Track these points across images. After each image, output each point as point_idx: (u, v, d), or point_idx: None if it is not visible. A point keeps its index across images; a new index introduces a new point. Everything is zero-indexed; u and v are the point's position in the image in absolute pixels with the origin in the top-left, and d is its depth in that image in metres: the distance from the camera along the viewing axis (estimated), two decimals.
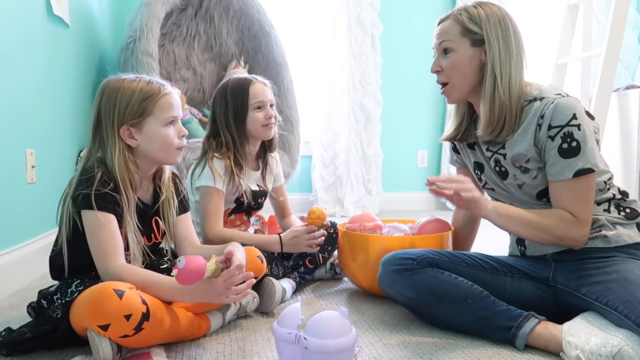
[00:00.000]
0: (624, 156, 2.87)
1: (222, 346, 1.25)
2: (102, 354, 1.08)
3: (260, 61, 3.13)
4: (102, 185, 1.18)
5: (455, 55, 1.31)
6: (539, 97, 1.26)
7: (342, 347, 1.03)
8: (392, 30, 3.64)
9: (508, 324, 1.21)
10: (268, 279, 1.51)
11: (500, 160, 1.34)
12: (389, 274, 1.35)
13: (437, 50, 1.36)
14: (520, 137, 1.28)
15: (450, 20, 1.34)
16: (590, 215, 1.24)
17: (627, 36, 3.29)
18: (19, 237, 1.76)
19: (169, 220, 1.35)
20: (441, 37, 1.34)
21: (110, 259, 1.17)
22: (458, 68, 1.32)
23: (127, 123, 1.23)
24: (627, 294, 1.12)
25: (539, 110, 1.24)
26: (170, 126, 1.27)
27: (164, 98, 1.26)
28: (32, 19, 1.90)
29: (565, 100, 1.22)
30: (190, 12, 3.10)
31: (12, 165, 1.72)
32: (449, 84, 1.35)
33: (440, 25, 1.36)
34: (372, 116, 3.55)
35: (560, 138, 1.21)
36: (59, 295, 1.17)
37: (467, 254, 1.39)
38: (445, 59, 1.33)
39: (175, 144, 1.28)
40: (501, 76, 1.27)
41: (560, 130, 1.21)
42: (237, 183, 1.66)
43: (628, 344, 1.06)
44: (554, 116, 1.21)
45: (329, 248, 1.81)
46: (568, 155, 1.21)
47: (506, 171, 1.34)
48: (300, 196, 3.59)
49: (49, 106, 2.03)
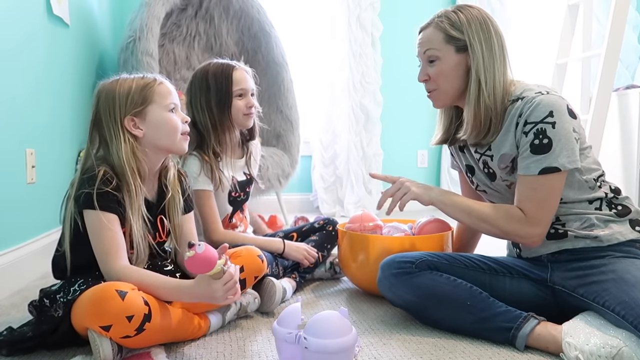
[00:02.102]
0: (624, 156, 2.87)
1: (222, 346, 1.25)
2: (102, 354, 1.08)
3: (260, 61, 3.13)
4: (104, 184, 1.18)
5: (442, 63, 1.32)
6: (520, 97, 1.27)
7: (342, 347, 1.03)
8: (392, 30, 3.64)
9: (507, 325, 1.21)
10: (268, 279, 1.51)
11: (487, 162, 1.36)
12: (387, 277, 1.35)
13: (422, 58, 1.36)
14: (503, 137, 1.29)
15: (432, 27, 1.34)
16: (546, 216, 1.24)
17: (627, 36, 3.29)
18: (19, 237, 1.76)
19: (175, 219, 1.34)
20: (425, 46, 1.34)
21: (112, 260, 1.17)
22: (445, 75, 1.33)
23: (130, 113, 1.23)
24: (623, 294, 1.12)
25: (519, 109, 1.25)
26: (173, 112, 1.28)
27: (161, 86, 1.28)
28: (32, 18, 1.90)
29: (546, 98, 1.22)
30: (190, 12, 3.10)
31: (12, 165, 1.72)
32: (437, 90, 1.36)
33: (422, 33, 1.36)
34: (372, 116, 3.55)
35: (533, 134, 1.22)
36: (61, 294, 1.17)
37: (466, 256, 1.39)
38: (432, 67, 1.34)
39: (180, 129, 1.29)
40: (485, 81, 1.28)
41: (534, 126, 1.21)
42: (218, 178, 1.63)
43: (627, 345, 1.06)
44: (531, 113, 1.22)
45: (328, 246, 1.82)
46: (538, 152, 1.22)
47: (494, 172, 1.35)
48: (300, 196, 3.59)
49: (49, 106, 2.03)
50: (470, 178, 1.46)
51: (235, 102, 1.65)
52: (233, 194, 1.72)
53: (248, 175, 1.79)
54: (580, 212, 1.27)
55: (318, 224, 1.86)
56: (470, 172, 1.45)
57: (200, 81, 1.66)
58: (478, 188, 1.45)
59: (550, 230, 1.29)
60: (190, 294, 1.15)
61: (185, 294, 1.16)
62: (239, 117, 1.67)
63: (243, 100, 1.66)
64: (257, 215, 1.95)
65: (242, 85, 1.66)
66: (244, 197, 1.78)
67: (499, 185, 1.36)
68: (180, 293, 1.16)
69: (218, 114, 1.64)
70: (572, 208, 1.28)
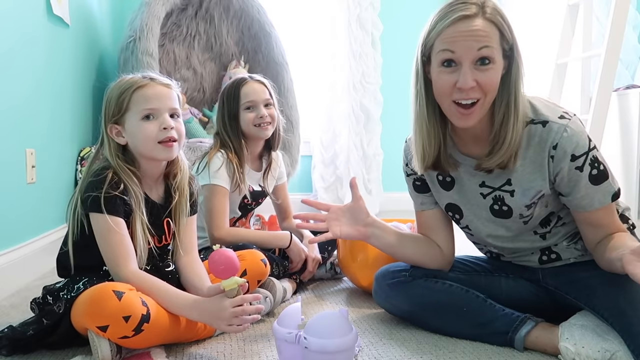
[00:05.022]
0: (624, 156, 2.86)
1: (222, 346, 1.25)
2: (101, 355, 1.08)
3: (261, 61, 3.13)
4: (112, 188, 1.17)
5: (496, 68, 1.05)
6: (537, 120, 1.12)
7: (342, 347, 1.03)
8: (392, 30, 3.64)
9: (505, 329, 1.20)
10: (269, 279, 1.51)
11: (504, 198, 1.18)
12: (383, 288, 1.35)
13: (467, 57, 1.04)
14: (530, 170, 1.14)
15: (483, 19, 1.04)
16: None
17: (627, 36, 3.28)
18: (19, 237, 1.76)
19: (180, 223, 1.32)
20: (482, 41, 1.03)
21: (122, 264, 1.16)
22: (495, 85, 1.07)
23: (111, 121, 1.23)
24: (609, 300, 1.10)
25: (548, 139, 1.10)
26: (148, 119, 1.20)
27: (138, 91, 1.20)
28: (32, 18, 1.90)
29: (573, 124, 1.10)
30: (190, 11, 3.10)
31: (12, 165, 1.72)
32: (480, 101, 1.07)
33: (471, 22, 1.03)
34: (373, 116, 3.55)
35: (589, 165, 1.10)
36: (65, 292, 1.18)
37: (460, 259, 1.38)
38: (484, 72, 1.05)
39: (154, 138, 1.20)
40: (519, 95, 1.09)
41: (586, 157, 1.10)
42: (238, 180, 1.66)
43: (621, 350, 1.06)
44: (577, 145, 1.09)
45: (329, 248, 1.82)
46: (600, 181, 1.11)
47: (509, 210, 1.19)
48: (301, 196, 3.55)
49: (49, 106, 2.03)
50: (458, 219, 1.28)
51: (244, 115, 1.69)
52: (245, 201, 1.74)
53: (263, 188, 1.80)
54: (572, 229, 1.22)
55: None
56: (453, 211, 1.27)
57: (220, 98, 1.76)
58: (466, 229, 1.30)
59: (543, 257, 1.26)
60: (199, 309, 1.13)
61: (194, 307, 1.14)
62: (250, 129, 1.70)
63: (253, 113, 1.69)
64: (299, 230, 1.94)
65: (251, 97, 1.69)
66: (254, 207, 1.80)
67: (512, 222, 1.21)
68: (188, 306, 1.15)
69: (230, 127, 1.70)
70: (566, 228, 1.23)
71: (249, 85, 1.71)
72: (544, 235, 1.24)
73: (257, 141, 1.75)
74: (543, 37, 3.57)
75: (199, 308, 1.14)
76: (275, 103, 1.75)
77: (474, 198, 1.23)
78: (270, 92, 1.74)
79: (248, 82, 1.72)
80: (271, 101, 1.73)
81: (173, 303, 1.15)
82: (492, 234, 1.26)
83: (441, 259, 1.33)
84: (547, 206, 1.19)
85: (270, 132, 1.73)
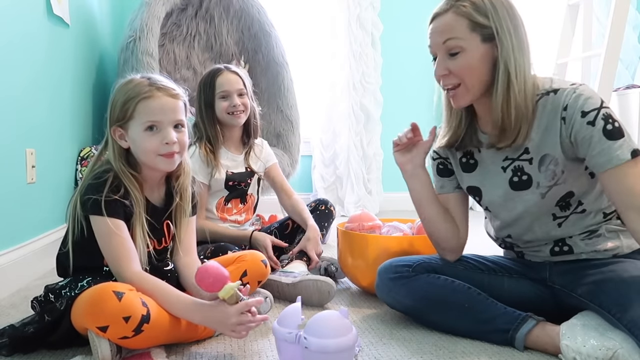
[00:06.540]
0: None
1: (222, 346, 1.25)
2: (101, 355, 1.07)
3: (261, 61, 3.13)
4: (113, 192, 1.17)
5: (467, 55, 1.14)
6: (551, 89, 1.16)
7: (342, 347, 1.03)
8: (392, 30, 3.64)
9: (506, 327, 1.20)
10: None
11: (523, 167, 1.21)
12: (385, 282, 1.35)
13: (438, 51, 1.17)
14: (544, 136, 1.17)
15: (452, 13, 1.14)
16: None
17: (627, 36, 3.29)
18: (19, 237, 1.76)
19: (181, 224, 1.32)
20: (444, 35, 1.15)
21: (125, 266, 1.16)
22: (472, 69, 1.15)
23: (115, 124, 1.22)
24: (619, 295, 1.10)
25: (559, 103, 1.13)
26: (151, 131, 1.20)
27: (143, 102, 1.19)
28: (32, 18, 1.90)
29: (584, 87, 1.13)
30: (190, 11, 3.10)
31: (12, 165, 1.72)
32: (461, 85, 1.17)
33: (438, 20, 1.16)
34: (373, 116, 3.55)
35: (602, 120, 1.08)
36: (67, 289, 1.18)
37: (464, 256, 1.38)
38: (454, 60, 1.15)
39: (154, 150, 1.20)
40: (516, 74, 1.14)
41: (598, 112, 1.09)
42: (212, 165, 1.79)
43: (623, 347, 1.06)
44: (585, 102, 1.10)
45: (325, 224, 1.97)
46: (615, 137, 1.08)
47: (529, 179, 1.21)
48: (301, 196, 3.55)
49: (48, 106, 2.03)
50: (478, 200, 1.33)
51: (218, 103, 1.81)
52: (230, 183, 1.84)
53: (248, 169, 1.89)
54: (590, 223, 1.22)
55: (310, 207, 1.98)
56: (474, 193, 1.32)
57: (197, 86, 1.87)
58: (488, 208, 1.33)
59: (555, 248, 1.26)
60: (202, 313, 1.13)
61: (197, 311, 1.14)
62: (224, 116, 1.81)
63: (227, 102, 1.80)
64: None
65: (225, 87, 1.80)
66: (244, 187, 1.88)
67: (529, 196, 1.22)
68: (190, 309, 1.14)
69: (205, 114, 1.82)
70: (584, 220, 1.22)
71: (224, 75, 1.81)
72: (561, 223, 1.23)
73: (232, 128, 1.86)
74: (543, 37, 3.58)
75: (202, 312, 1.13)
76: (250, 92, 1.85)
77: (496, 176, 1.26)
78: (244, 82, 1.84)
79: (223, 72, 1.82)
80: (244, 91, 1.83)
81: (175, 305, 1.15)
82: (509, 216, 1.27)
83: (456, 238, 1.34)
84: (565, 182, 1.18)
85: (243, 120, 1.83)
